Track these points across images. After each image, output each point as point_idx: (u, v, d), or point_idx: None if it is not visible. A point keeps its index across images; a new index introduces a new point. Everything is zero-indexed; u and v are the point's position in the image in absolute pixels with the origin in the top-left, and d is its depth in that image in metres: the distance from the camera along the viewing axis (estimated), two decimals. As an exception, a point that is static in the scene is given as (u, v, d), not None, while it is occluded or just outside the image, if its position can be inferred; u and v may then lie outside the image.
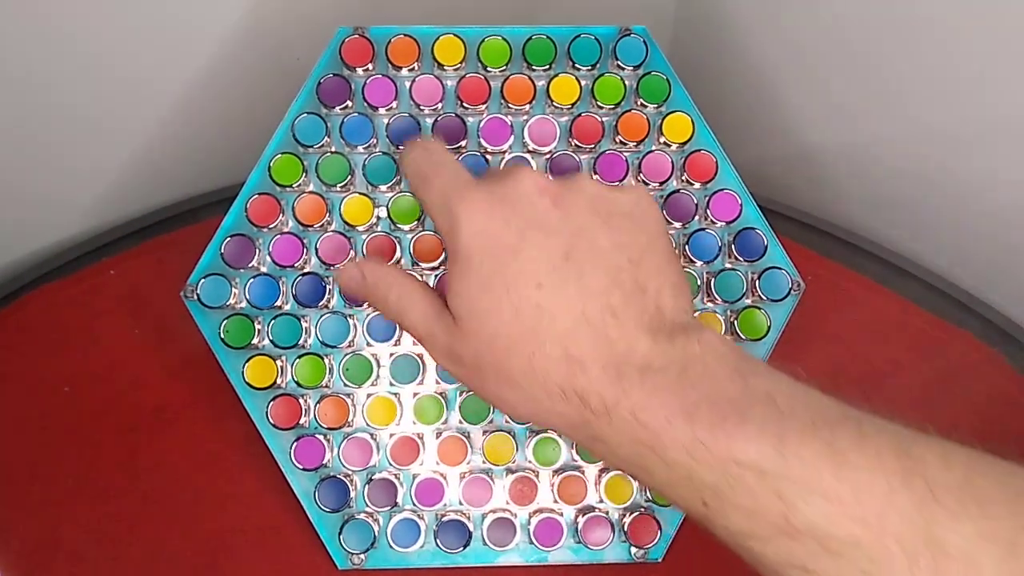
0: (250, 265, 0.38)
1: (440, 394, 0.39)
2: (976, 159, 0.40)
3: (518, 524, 0.39)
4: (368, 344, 0.38)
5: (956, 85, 0.38)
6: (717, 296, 0.39)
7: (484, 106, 0.38)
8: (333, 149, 0.38)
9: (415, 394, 0.39)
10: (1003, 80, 0.36)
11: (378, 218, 0.39)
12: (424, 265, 0.38)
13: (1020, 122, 0.36)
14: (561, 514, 0.39)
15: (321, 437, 0.38)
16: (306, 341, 0.38)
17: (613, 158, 0.38)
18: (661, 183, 0.39)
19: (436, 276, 0.38)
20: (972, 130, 0.39)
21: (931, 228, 0.45)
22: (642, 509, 0.39)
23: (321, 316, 0.38)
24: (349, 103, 0.38)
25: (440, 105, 0.38)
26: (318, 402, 0.38)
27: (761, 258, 0.39)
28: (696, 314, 0.39)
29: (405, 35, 0.38)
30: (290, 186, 0.38)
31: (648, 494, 0.39)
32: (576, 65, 0.38)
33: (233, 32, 0.41)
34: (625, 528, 0.39)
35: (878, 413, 0.27)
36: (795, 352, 0.42)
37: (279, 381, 0.38)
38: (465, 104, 0.38)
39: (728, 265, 0.40)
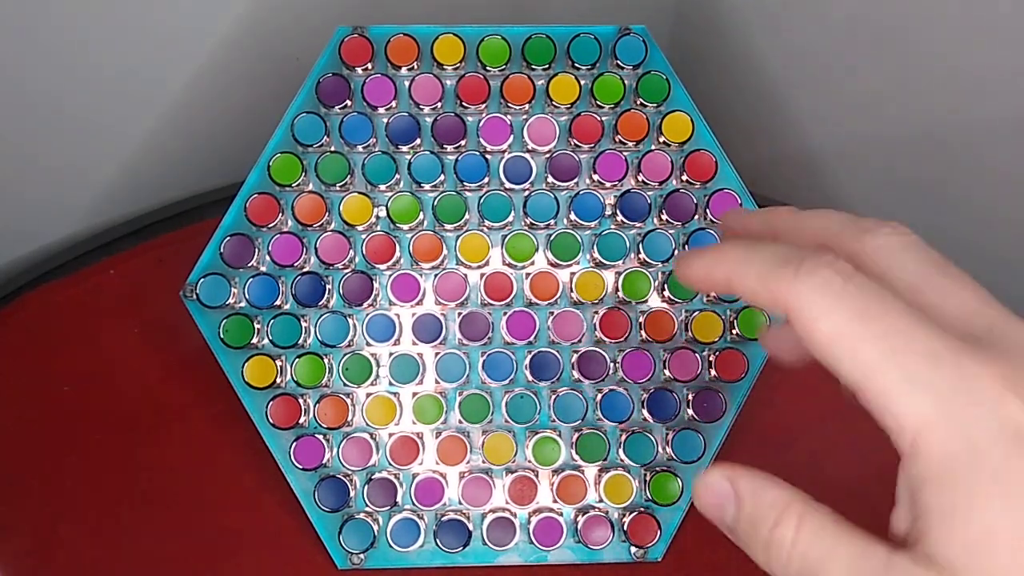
0: (249, 265, 0.38)
1: (440, 394, 0.39)
2: (976, 159, 0.40)
3: (518, 524, 0.39)
4: (368, 344, 0.38)
5: (957, 84, 0.38)
6: (717, 296, 0.39)
7: (484, 105, 0.38)
8: (332, 148, 0.38)
9: (414, 394, 0.39)
10: (1004, 80, 0.36)
11: (377, 217, 0.39)
12: (424, 265, 0.38)
13: (1020, 122, 0.36)
14: (561, 514, 0.39)
15: (320, 437, 0.38)
16: (305, 341, 0.38)
17: (613, 157, 0.38)
18: (660, 182, 0.39)
19: (436, 276, 0.38)
20: (973, 130, 0.39)
21: (931, 227, 0.45)
22: (642, 509, 0.39)
23: (320, 316, 0.38)
24: (348, 102, 0.38)
25: (439, 104, 0.38)
26: (317, 402, 0.38)
27: (761, 258, 0.39)
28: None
29: (404, 34, 0.38)
30: (289, 185, 0.38)
31: (648, 493, 0.39)
32: (576, 64, 0.38)
33: (232, 32, 0.41)
34: (625, 528, 0.39)
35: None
36: (795, 352, 0.42)
37: (278, 381, 0.38)
38: (464, 103, 0.38)
39: (728, 265, 0.39)
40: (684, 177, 0.39)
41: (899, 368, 0.20)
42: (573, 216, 0.39)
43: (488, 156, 0.39)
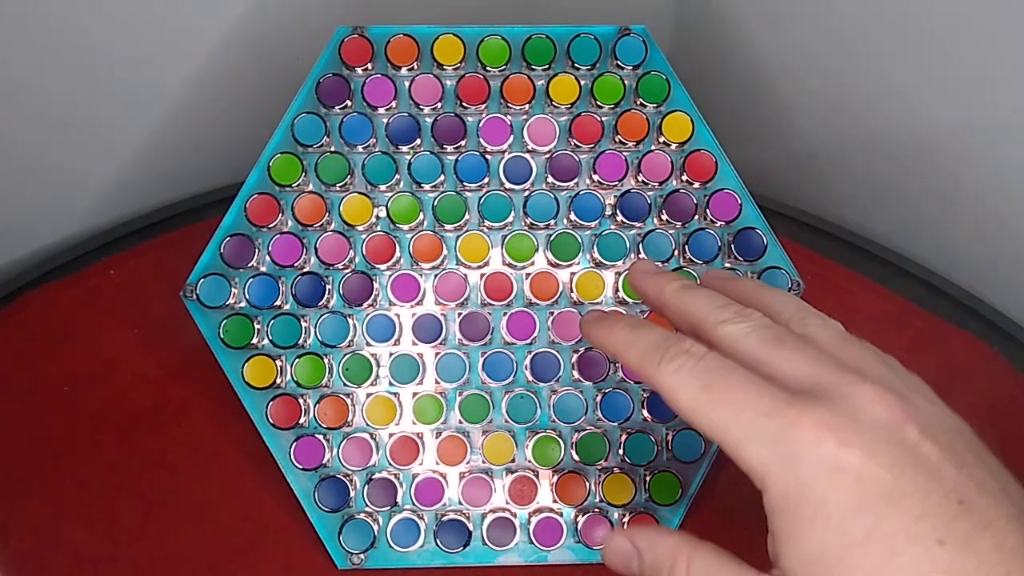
0: (249, 265, 0.38)
1: (440, 394, 0.39)
2: (976, 159, 0.40)
3: (518, 524, 0.39)
4: (368, 344, 0.38)
5: (956, 84, 0.38)
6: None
7: (484, 106, 0.38)
8: (332, 149, 0.38)
9: (415, 394, 0.39)
10: (1003, 79, 0.36)
11: (377, 218, 0.39)
12: (424, 265, 0.38)
13: (1020, 121, 0.36)
14: (561, 514, 0.39)
15: (321, 437, 0.38)
16: (305, 341, 0.38)
17: (612, 158, 0.38)
18: (660, 183, 0.39)
19: (436, 276, 0.38)
20: (972, 129, 0.39)
21: (931, 228, 0.45)
22: (641, 509, 0.39)
23: (320, 316, 0.38)
24: (348, 103, 0.38)
25: (439, 105, 0.38)
26: (317, 402, 0.38)
27: (761, 258, 0.39)
28: None
29: (404, 35, 0.38)
30: (289, 186, 0.38)
31: (648, 493, 0.39)
32: (575, 65, 0.38)
33: (232, 32, 0.41)
34: (625, 528, 0.39)
35: None
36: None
37: (278, 381, 0.38)
38: (464, 104, 0.38)
39: (728, 265, 0.40)
40: (684, 177, 0.39)
41: (739, 426, 0.25)
42: (573, 216, 0.39)
43: (488, 156, 0.39)
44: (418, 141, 0.38)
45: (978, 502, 0.23)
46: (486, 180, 0.38)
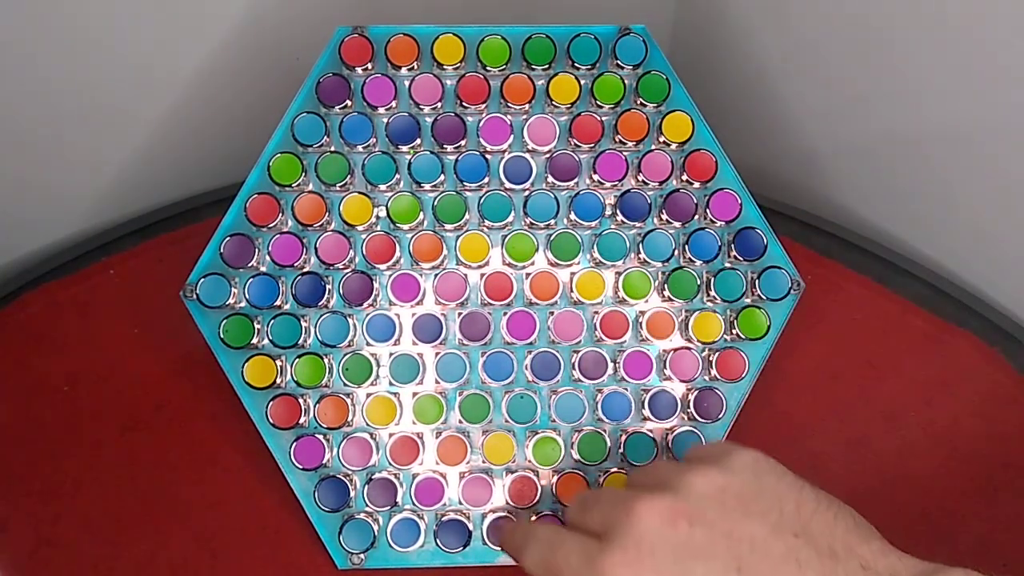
0: (249, 265, 0.38)
1: (440, 394, 0.39)
2: (977, 159, 0.40)
3: (518, 524, 0.39)
4: (368, 344, 0.38)
5: (956, 85, 0.38)
6: (717, 295, 0.39)
7: (484, 105, 0.38)
8: (332, 148, 0.38)
9: (415, 394, 0.39)
10: (1004, 79, 0.36)
11: (377, 217, 0.39)
12: (424, 265, 0.38)
13: (1020, 121, 0.36)
14: (561, 514, 0.39)
15: (321, 437, 0.38)
16: (305, 341, 0.38)
17: (613, 157, 0.38)
18: (661, 182, 0.39)
19: (436, 276, 0.38)
20: (972, 129, 0.39)
21: (932, 228, 0.45)
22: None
23: (320, 316, 0.38)
24: (348, 102, 0.38)
25: (439, 104, 0.38)
26: (317, 402, 0.38)
27: (761, 257, 0.39)
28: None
29: (404, 34, 0.38)
30: (289, 185, 0.38)
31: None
32: (576, 64, 0.38)
33: (232, 32, 0.41)
34: (625, 528, 0.39)
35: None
36: (795, 352, 0.42)
37: (278, 381, 0.38)
38: (465, 103, 0.38)
39: (728, 264, 0.40)
40: (684, 177, 0.39)
41: (553, 569, 0.30)
42: (573, 216, 0.39)
43: (488, 156, 0.39)
44: (418, 141, 0.38)
45: (751, 559, 0.28)
46: (486, 180, 0.38)
